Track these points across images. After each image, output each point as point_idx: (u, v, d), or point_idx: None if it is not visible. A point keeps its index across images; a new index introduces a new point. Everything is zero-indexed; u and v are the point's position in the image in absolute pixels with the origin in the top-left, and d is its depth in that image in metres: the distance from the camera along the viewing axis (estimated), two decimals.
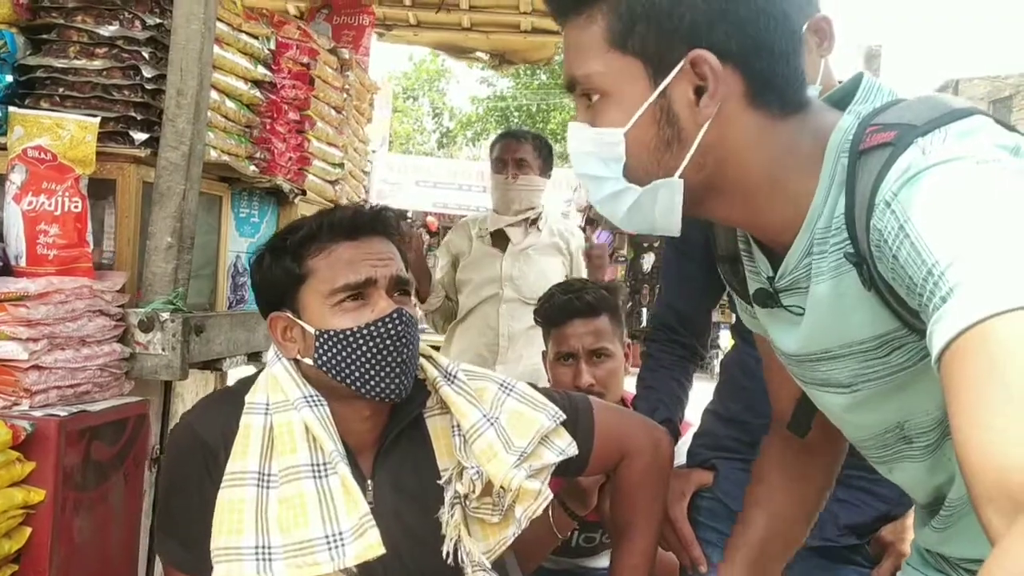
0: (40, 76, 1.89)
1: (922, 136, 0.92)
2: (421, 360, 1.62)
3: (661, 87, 1.02)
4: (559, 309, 2.35)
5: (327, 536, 1.43)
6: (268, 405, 1.52)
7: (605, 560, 2.22)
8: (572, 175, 14.84)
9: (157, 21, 1.91)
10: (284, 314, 1.56)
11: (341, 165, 2.79)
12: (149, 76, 1.89)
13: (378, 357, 1.49)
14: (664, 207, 1.06)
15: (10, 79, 1.87)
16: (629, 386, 2.41)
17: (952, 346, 0.80)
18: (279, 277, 1.56)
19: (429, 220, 13.09)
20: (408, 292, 1.59)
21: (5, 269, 1.71)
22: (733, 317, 1.66)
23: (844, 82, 1.10)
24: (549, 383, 2.32)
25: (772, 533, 1.50)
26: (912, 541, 1.28)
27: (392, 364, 1.50)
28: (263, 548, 1.43)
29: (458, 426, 1.58)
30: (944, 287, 0.82)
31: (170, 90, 1.86)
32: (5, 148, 1.77)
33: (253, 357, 2.17)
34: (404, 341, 1.51)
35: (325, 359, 1.51)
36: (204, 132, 1.93)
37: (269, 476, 1.48)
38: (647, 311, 13.15)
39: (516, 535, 1.59)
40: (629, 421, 1.81)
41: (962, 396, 0.79)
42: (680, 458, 2.08)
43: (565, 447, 1.62)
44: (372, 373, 1.50)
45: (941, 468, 1.11)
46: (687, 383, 2.15)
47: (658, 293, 2.36)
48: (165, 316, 1.80)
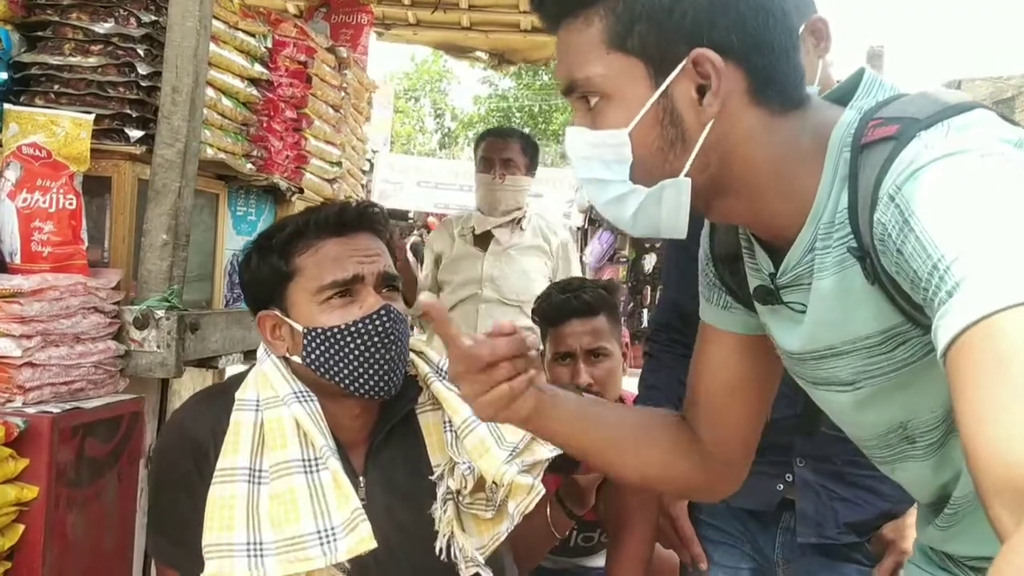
0: (35, 73, 1.88)
1: (925, 130, 0.92)
2: (412, 356, 1.62)
3: (663, 86, 1.01)
4: (557, 308, 2.34)
5: (319, 531, 1.43)
6: (258, 401, 1.52)
7: (603, 559, 2.21)
8: (573, 175, 14.84)
9: (152, 18, 1.90)
10: (272, 312, 1.56)
11: (339, 164, 2.78)
12: (144, 73, 1.88)
13: (367, 354, 1.49)
14: (670, 208, 1.05)
15: (5, 76, 1.86)
16: (628, 386, 2.40)
17: (958, 341, 0.79)
18: (266, 275, 1.56)
19: (430, 220, 13.09)
20: (397, 288, 1.59)
21: (0, 266, 1.70)
22: None
23: (845, 78, 1.10)
24: (548, 380, 2.31)
25: (603, 429, 1.29)
26: (915, 540, 1.27)
27: (381, 361, 1.50)
28: (254, 544, 1.43)
29: (450, 422, 1.58)
30: (950, 281, 0.81)
31: (165, 87, 1.85)
32: (0, 145, 1.76)
33: (249, 355, 2.15)
34: (393, 338, 1.51)
35: (313, 357, 1.51)
36: (200, 129, 1.92)
37: (260, 472, 1.48)
38: (648, 312, 13.12)
39: (509, 530, 1.59)
40: None
41: (969, 392, 0.79)
42: None
43: None
44: (361, 371, 1.49)
45: (946, 466, 1.10)
46: None
47: (660, 293, 2.35)
48: (160, 313, 1.79)
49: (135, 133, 1.87)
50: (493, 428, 1.56)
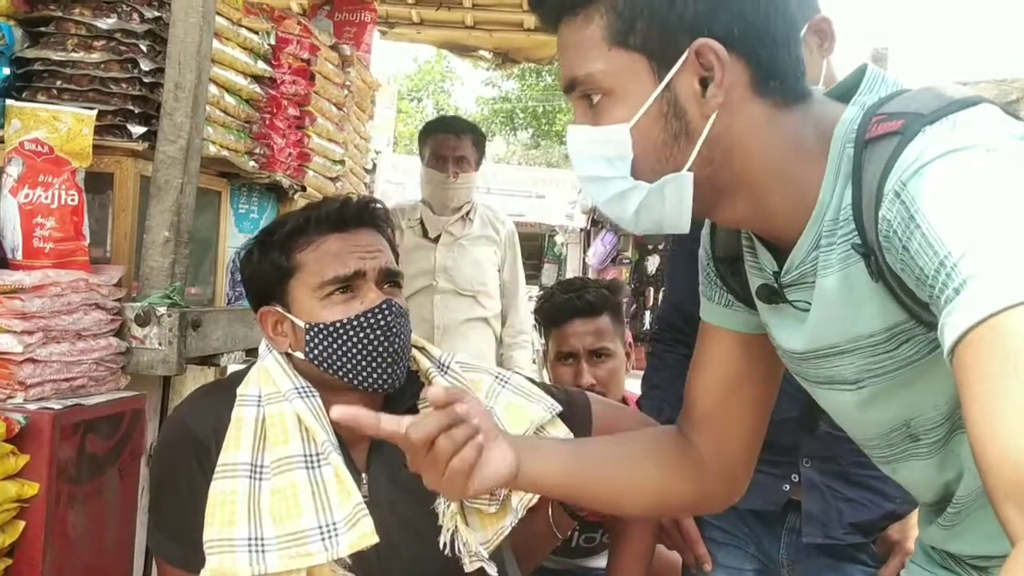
0: (37, 69, 1.87)
1: (930, 125, 0.91)
2: (414, 351, 1.62)
3: (667, 79, 1.01)
4: (560, 308, 2.34)
5: (320, 526, 1.42)
6: (260, 397, 1.52)
7: (605, 560, 2.20)
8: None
9: (155, 14, 1.89)
10: (274, 308, 1.56)
11: (342, 162, 2.77)
12: (147, 69, 1.87)
13: (368, 348, 1.49)
14: (673, 203, 1.05)
15: (7, 72, 1.86)
16: (630, 387, 2.39)
17: (965, 339, 0.79)
18: (268, 271, 1.56)
19: None
20: (398, 284, 1.59)
21: (1, 262, 1.70)
22: None
23: (848, 74, 1.09)
24: (550, 380, 2.31)
25: (592, 464, 1.30)
26: (916, 539, 1.26)
27: (383, 355, 1.50)
28: (256, 539, 1.42)
29: None
30: (957, 279, 0.81)
31: (168, 83, 1.85)
32: (2, 141, 1.76)
33: (251, 353, 2.15)
34: (395, 332, 1.51)
35: (316, 352, 1.51)
36: (202, 126, 1.92)
37: (261, 467, 1.47)
38: (650, 314, 13.11)
39: (513, 524, 1.58)
40: (627, 417, 1.80)
41: (976, 390, 0.78)
42: None
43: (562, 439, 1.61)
44: (363, 364, 1.49)
45: (949, 465, 1.09)
46: None
47: (664, 293, 2.35)
48: (162, 310, 1.79)
49: (137, 129, 1.86)
50: (496, 423, 1.55)
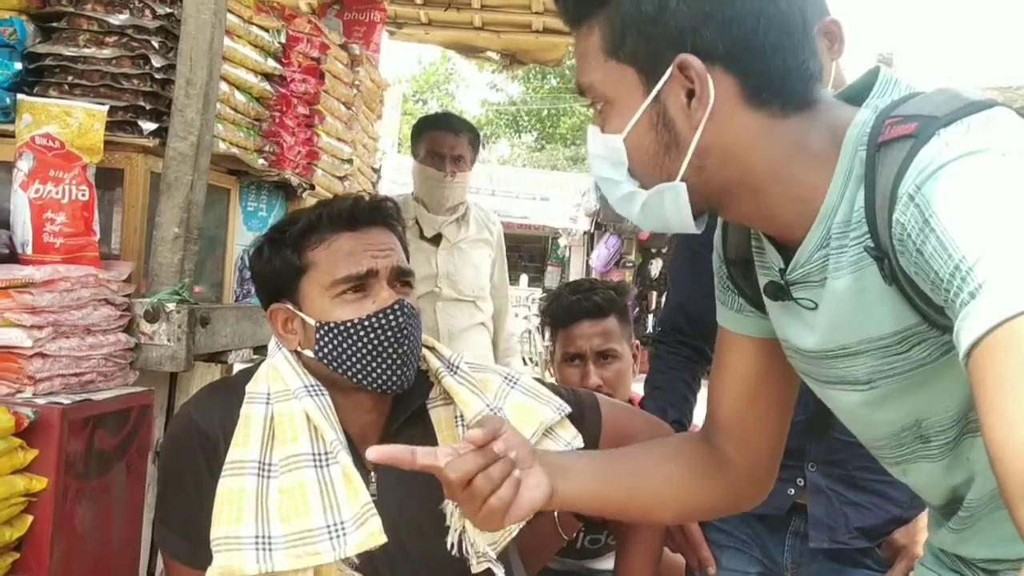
0: (49, 64, 1.87)
1: (944, 128, 0.91)
2: (423, 351, 1.61)
3: (653, 93, 1.03)
4: (567, 309, 2.34)
5: (328, 525, 1.42)
6: (269, 395, 1.52)
7: (610, 562, 2.20)
8: (581, 179, 14.88)
9: (167, 11, 1.90)
10: (284, 306, 1.55)
11: (350, 161, 2.77)
12: (159, 66, 1.87)
13: (379, 348, 1.49)
14: (672, 209, 1.08)
15: (19, 67, 1.86)
16: (637, 389, 2.39)
17: (981, 344, 0.79)
18: (278, 269, 1.55)
19: None
20: (409, 283, 1.58)
21: (11, 257, 1.70)
22: None
23: (860, 77, 1.09)
24: (556, 381, 2.31)
25: (623, 477, 1.31)
26: (925, 542, 1.26)
27: (394, 356, 1.50)
28: (263, 538, 1.42)
29: (461, 416, 1.58)
30: (972, 283, 0.80)
31: (179, 80, 1.85)
32: (13, 135, 1.76)
33: (259, 351, 2.15)
34: (406, 332, 1.51)
35: (326, 351, 1.50)
36: (213, 123, 1.92)
37: (270, 465, 1.47)
38: (653, 317, 13.11)
39: (521, 526, 1.57)
40: (635, 419, 1.80)
41: (992, 394, 0.78)
42: None
43: (571, 440, 1.61)
44: (374, 365, 1.49)
45: (959, 468, 1.09)
46: (695, 385, 2.14)
47: (667, 295, 2.35)
48: (171, 307, 1.79)
49: (148, 125, 1.87)
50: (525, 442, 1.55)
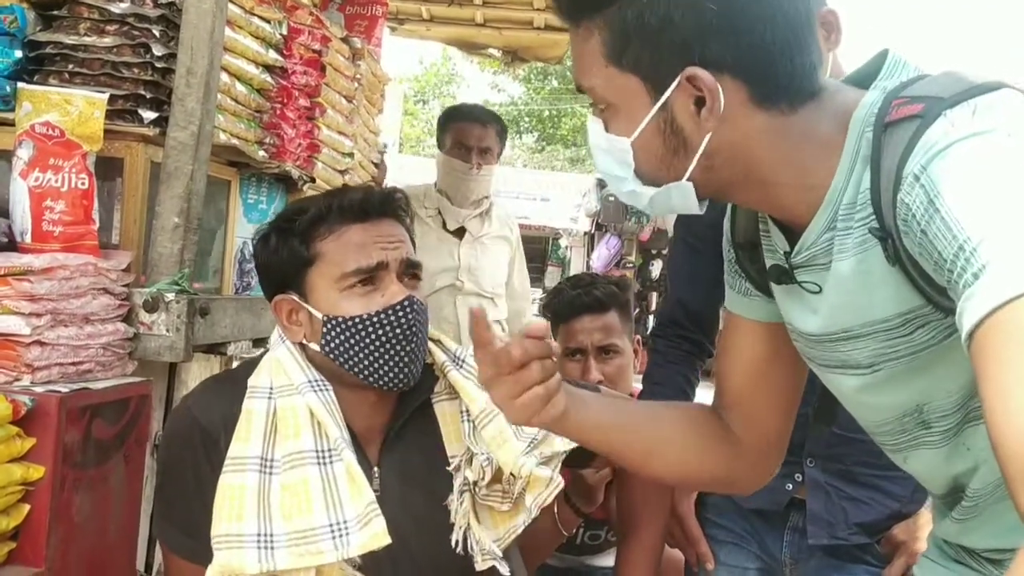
0: (50, 52, 1.86)
1: (950, 108, 0.90)
2: (429, 344, 1.59)
3: (660, 103, 1.03)
4: (568, 304, 2.33)
5: (331, 524, 1.39)
6: (272, 389, 1.49)
7: (610, 558, 2.20)
8: (582, 180, 14.88)
9: (169, 0, 1.89)
10: (290, 297, 1.53)
11: (351, 155, 2.76)
12: (159, 54, 1.86)
13: (387, 346, 1.47)
14: (679, 203, 1.09)
15: (19, 55, 1.85)
16: (639, 385, 2.39)
17: (984, 325, 0.78)
18: (285, 259, 1.53)
19: None
20: (418, 276, 1.56)
21: (10, 245, 1.69)
22: None
23: (869, 60, 1.08)
24: None
25: (635, 426, 1.30)
26: (929, 533, 1.25)
27: (401, 353, 1.48)
28: (265, 535, 1.39)
29: (467, 411, 1.55)
30: (976, 264, 0.80)
31: (180, 69, 1.84)
32: (13, 124, 1.75)
33: (259, 343, 2.14)
34: (414, 330, 1.49)
35: (333, 346, 1.48)
36: (213, 112, 1.91)
37: (272, 461, 1.44)
38: (653, 318, 13.11)
39: (527, 523, 1.56)
40: None
41: (994, 376, 0.77)
42: None
43: None
44: (381, 362, 1.47)
45: (960, 457, 1.08)
46: (694, 379, 2.14)
47: (666, 289, 2.34)
48: (170, 297, 1.78)
49: (149, 114, 1.86)
50: None
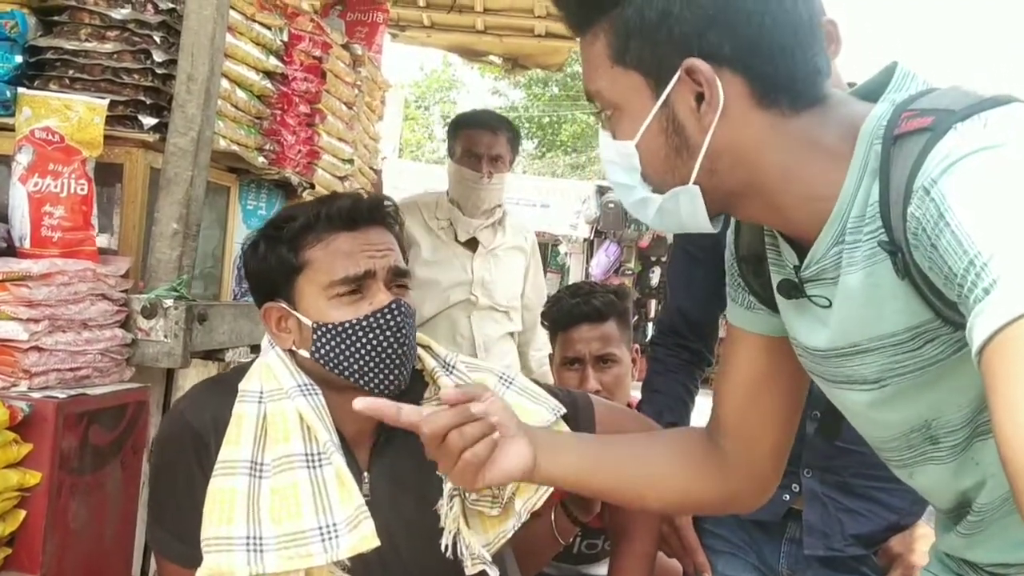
0: (50, 58, 1.87)
1: (961, 122, 0.90)
2: (419, 351, 1.60)
3: (661, 99, 1.03)
4: (566, 313, 2.33)
5: (320, 527, 1.40)
6: (262, 393, 1.50)
7: (607, 568, 2.19)
8: (581, 187, 14.86)
9: (170, 6, 1.89)
10: (279, 304, 1.54)
11: (351, 161, 2.76)
12: (160, 60, 1.87)
13: (377, 350, 1.47)
14: (688, 211, 1.08)
15: (20, 60, 1.85)
16: (636, 394, 2.38)
17: (994, 340, 0.78)
18: (274, 266, 1.53)
19: None
20: (406, 284, 1.57)
21: (9, 250, 1.69)
22: None
23: (877, 72, 1.08)
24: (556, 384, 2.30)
25: (616, 461, 1.32)
26: (932, 546, 1.25)
27: (391, 357, 1.48)
28: (254, 539, 1.40)
29: None
30: (987, 278, 0.79)
31: (181, 75, 1.84)
32: (13, 129, 1.75)
33: (257, 349, 2.14)
34: (403, 333, 1.49)
35: (322, 352, 1.49)
36: (213, 119, 1.91)
37: (262, 465, 1.45)
38: (652, 326, 13.10)
39: (516, 528, 1.57)
40: (630, 422, 1.79)
41: (1004, 391, 0.77)
42: None
43: None
44: (371, 366, 1.48)
45: (967, 471, 1.08)
46: (693, 388, 2.14)
47: (665, 297, 2.34)
48: (168, 303, 1.78)
49: (149, 120, 1.86)
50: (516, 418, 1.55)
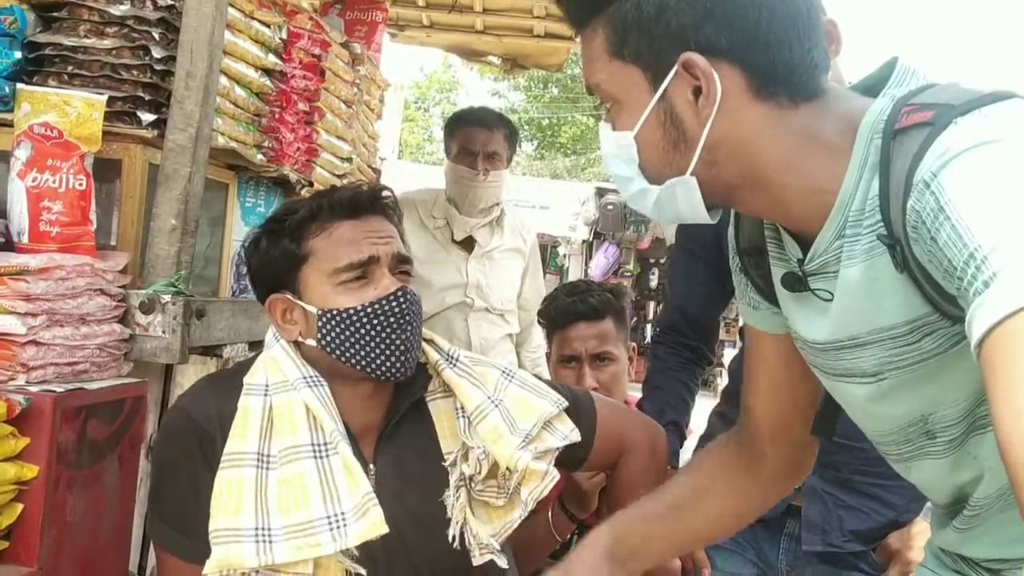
0: (49, 54, 1.87)
1: (961, 116, 0.90)
2: (423, 344, 1.60)
3: (659, 92, 1.04)
4: (563, 311, 2.33)
5: (328, 516, 1.40)
6: (267, 386, 1.50)
7: None
8: (580, 189, 14.86)
9: (169, 2, 1.89)
10: (283, 296, 1.54)
11: (349, 159, 2.76)
12: (159, 57, 1.87)
13: (382, 335, 1.48)
14: (685, 203, 1.08)
15: (19, 56, 1.85)
16: (633, 393, 2.38)
17: (994, 333, 0.77)
18: (277, 259, 1.54)
19: None
20: (408, 271, 1.58)
21: (7, 245, 1.70)
22: (742, 320, 1.65)
23: (877, 68, 1.09)
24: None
25: (682, 523, 1.39)
26: (927, 542, 1.25)
27: (396, 342, 1.49)
28: (263, 530, 1.40)
29: (462, 408, 1.57)
30: (986, 272, 0.79)
31: (179, 71, 1.85)
32: (11, 124, 1.75)
33: (255, 346, 2.14)
34: (408, 319, 1.50)
35: (328, 339, 1.49)
36: (212, 115, 1.92)
37: (269, 457, 1.45)
38: (651, 327, 13.10)
39: (523, 517, 1.57)
40: (628, 417, 1.80)
41: (1004, 384, 0.77)
42: (685, 462, 2.06)
43: (568, 433, 1.61)
44: (377, 352, 1.48)
45: (964, 466, 1.08)
46: (694, 386, 2.14)
47: (667, 296, 2.34)
48: (166, 298, 1.78)
49: (147, 117, 1.86)
50: (506, 414, 1.55)
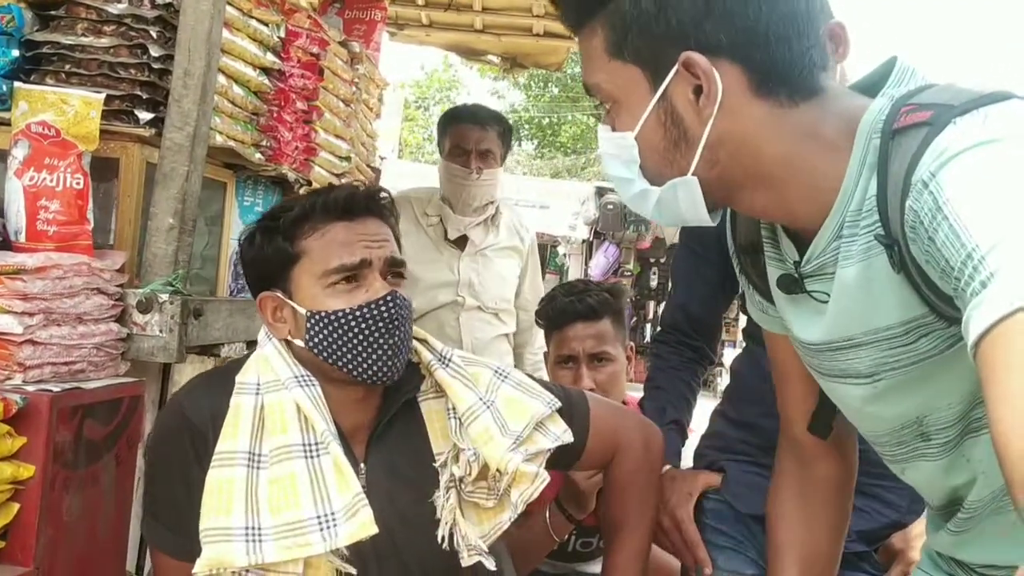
0: (46, 52, 1.86)
1: (960, 116, 0.89)
2: (415, 344, 1.60)
3: (659, 92, 1.03)
4: (561, 311, 2.33)
5: (319, 516, 1.40)
6: (259, 385, 1.50)
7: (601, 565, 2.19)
8: (580, 188, 14.86)
9: (166, 1, 1.88)
10: (274, 294, 1.54)
11: (348, 158, 2.76)
12: (156, 55, 1.86)
13: (370, 339, 1.47)
14: (687, 203, 1.08)
15: (16, 54, 1.85)
16: (631, 393, 2.38)
17: (991, 333, 0.77)
18: (270, 256, 1.54)
19: None
20: (402, 275, 1.57)
21: (4, 244, 1.69)
22: (743, 320, 1.65)
23: (876, 67, 1.08)
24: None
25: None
26: (923, 545, 1.25)
27: (385, 347, 1.48)
28: (253, 529, 1.40)
29: (453, 409, 1.57)
30: (984, 272, 0.79)
31: (177, 70, 1.84)
32: (9, 123, 1.74)
33: (252, 345, 2.13)
34: (397, 324, 1.49)
35: (316, 340, 1.49)
36: (210, 114, 1.91)
37: (260, 456, 1.45)
38: (651, 327, 13.10)
39: (512, 519, 1.57)
40: (623, 417, 1.79)
41: (1000, 384, 0.76)
42: (686, 461, 2.06)
43: (560, 434, 1.61)
44: (364, 355, 1.48)
45: (958, 469, 1.08)
46: (695, 385, 2.14)
47: (669, 295, 2.34)
48: (164, 298, 1.78)
49: (145, 115, 1.85)
50: (497, 416, 1.55)
